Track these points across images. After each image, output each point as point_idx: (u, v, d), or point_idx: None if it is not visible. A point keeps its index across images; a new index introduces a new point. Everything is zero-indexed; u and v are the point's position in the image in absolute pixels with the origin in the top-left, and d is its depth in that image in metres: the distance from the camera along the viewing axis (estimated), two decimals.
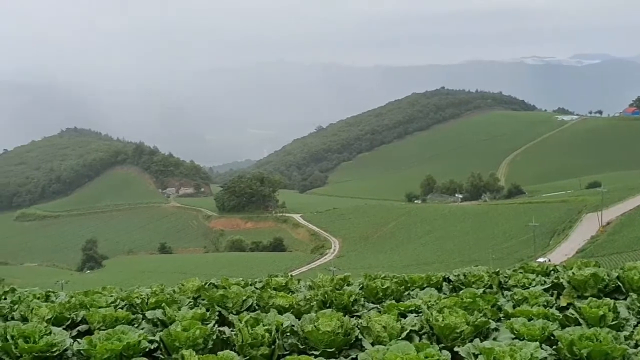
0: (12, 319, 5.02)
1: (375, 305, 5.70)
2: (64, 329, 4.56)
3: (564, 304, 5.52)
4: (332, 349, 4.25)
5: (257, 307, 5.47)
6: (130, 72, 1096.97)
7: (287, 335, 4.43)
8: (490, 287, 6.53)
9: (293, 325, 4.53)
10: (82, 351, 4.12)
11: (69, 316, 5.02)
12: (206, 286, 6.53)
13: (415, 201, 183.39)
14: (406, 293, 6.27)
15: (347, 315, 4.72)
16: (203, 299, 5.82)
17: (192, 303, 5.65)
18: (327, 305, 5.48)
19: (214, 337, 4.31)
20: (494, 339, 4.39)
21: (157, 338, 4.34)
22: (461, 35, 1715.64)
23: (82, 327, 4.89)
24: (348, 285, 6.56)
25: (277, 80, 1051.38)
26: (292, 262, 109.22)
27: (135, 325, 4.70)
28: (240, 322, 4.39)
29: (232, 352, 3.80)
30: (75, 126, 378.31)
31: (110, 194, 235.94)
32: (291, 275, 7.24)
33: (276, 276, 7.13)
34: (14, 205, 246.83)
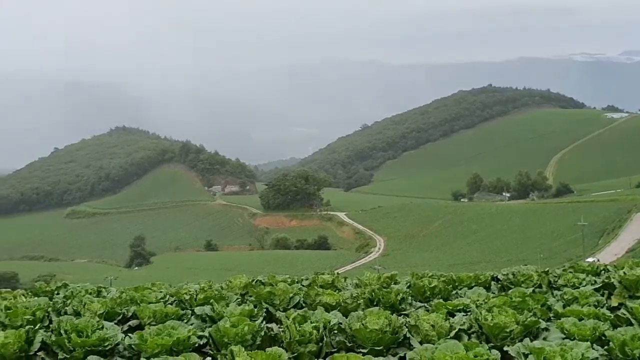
0: (65, 313, 5.12)
1: (422, 304, 5.66)
2: (115, 323, 4.64)
3: (615, 304, 5.40)
4: (380, 347, 4.23)
5: (304, 305, 5.47)
6: (178, 72, 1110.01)
7: (334, 332, 4.43)
8: (540, 286, 6.43)
9: (340, 323, 4.52)
10: (133, 346, 4.18)
11: (120, 311, 5.10)
12: (253, 283, 6.57)
13: (462, 200, 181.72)
14: (454, 292, 6.21)
15: (394, 314, 4.69)
16: (250, 296, 5.85)
17: (239, 300, 5.69)
18: (374, 303, 5.46)
19: (262, 333, 4.33)
20: (544, 338, 4.32)
21: (206, 334, 4.38)
22: (506, 32, 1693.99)
23: (133, 322, 4.97)
24: (395, 283, 6.53)
25: (322, 78, 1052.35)
26: (337, 261, 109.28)
27: (185, 321, 4.75)
28: (288, 319, 4.40)
29: (281, 349, 3.81)
30: (124, 125, 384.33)
31: (158, 191, 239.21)
32: (337, 273, 7.23)
33: (322, 274, 7.13)
34: (65, 203, 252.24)
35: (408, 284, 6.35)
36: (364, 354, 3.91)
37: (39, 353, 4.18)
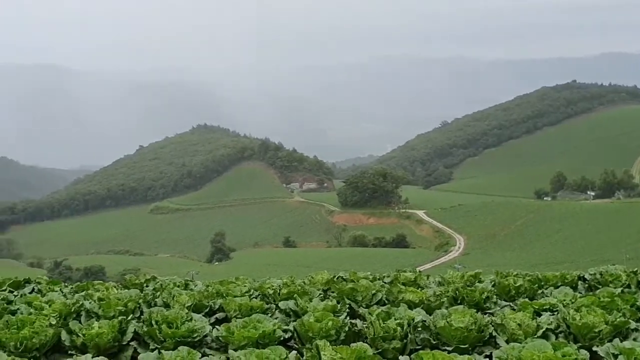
0: (155, 305, 5.29)
1: (507, 303, 5.59)
2: (202, 316, 4.76)
3: None
4: (466, 345, 4.21)
5: (386, 302, 5.48)
6: (257, 70, 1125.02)
7: (418, 330, 4.43)
8: (629, 286, 6.27)
9: (424, 321, 4.52)
10: (220, 338, 4.28)
11: (207, 304, 5.23)
12: (335, 279, 6.61)
13: (545, 198, 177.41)
14: (539, 291, 6.12)
15: (479, 312, 4.66)
16: (333, 292, 5.90)
17: (322, 295, 5.74)
18: (458, 301, 5.43)
19: (346, 329, 4.36)
20: (634, 339, 4.23)
21: (290, 328, 4.45)
22: (588, 27, 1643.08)
23: (220, 315, 5.09)
24: (479, 282, 6.47)
25: (400, 74, 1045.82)
26: (416, 259, 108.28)
27: (269, 315, 4.84)
28: (372, 316, 4.42)
29: (365, 345, 3.83)
30: (205, 123, 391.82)
31: (237, 188, 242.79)
32: (419, 271, 7.21)
33: (404, 271, 7.13)
34: (149, 199, 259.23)
35: (492, 283, 6.28)
36: (449, 352, 3.88)
37: (131, 343, 4.32)
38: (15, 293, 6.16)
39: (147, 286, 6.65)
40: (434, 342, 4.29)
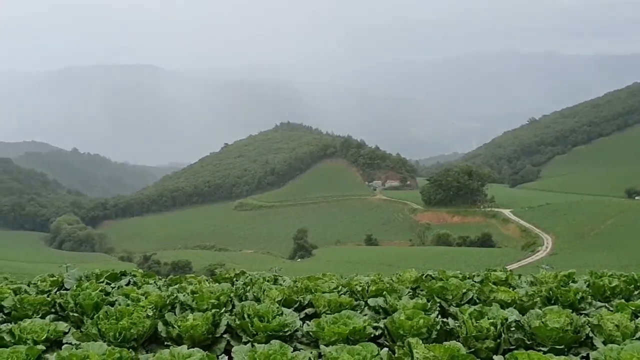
0: (246, 299, 5.38)
1: (603, 304, 5.42)
2: (292, 311, 4.81)
3: None
4: (561, 346, 4.11)
5: (477, 301, 5.41)
6: (340, 68, 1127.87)
7: (512, 330, 4.34)
8: None
9: (518, 320, 4.43)
10: (311, 333, 4.32)
11: (296, 299, 5.28)
12: (423, 277, 6.56)
13: (636, 198, 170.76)
14: (636, 292, 5.90)
15: (573, 313, 4.54)
16: (421, 290, 5.86)
17: (411, 293, 5.71)
18: (552, 301, 5.30)
19: (438, 327, 4.33)
20: None
21: (381, 325, 4.44)
22: None
23: (309, 310, 5.13)
24: (573, 282, 6.29)
25: (486, 70, 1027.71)
26: (502, 258, 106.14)
27: (358, 311, 4.83)
28: (464, 314, 4.37)
29: (458, 343, 3.78)
30: (288, 121, 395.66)
31: (320, 186, 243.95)
32: (510, 271, 7.07)
33: (494, 270, 7.01)
34: (233, 196, 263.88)
35: (587, 283, 6.09)
36: (544, 353, 3.79)
37: (224, 335, 4.41)
38: (112, 285, 6.38)
39: (237, 280, 6.77)
40: (528, 343, 4.21)
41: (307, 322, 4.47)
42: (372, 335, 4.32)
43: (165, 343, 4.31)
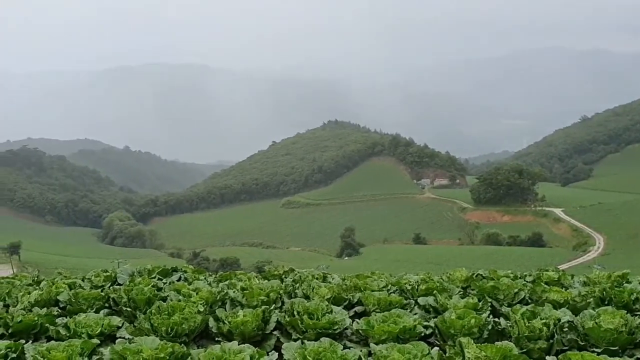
0: (295, 296, 5.40)
1: None
2: (341, 309, 4.80)
3: None
4: (615, 348, 4.02)
5: (529, 301, 5.33)
6: (388, 65, 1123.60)
7: (564, 330, 4.27)
8: None
9: (571, 321, 4.36)
10: (360, 331, 4.31)
11: (346, 297, 5.28)
12: (474, 277, 6.50)
13: None
14: None
15: (628, 314, 4.44)
16: (472, 289, 5.80)
17: (461, 292, 5.66)
18: (605, 302, 5.19)
19: (489, 327, 4.28)
20: None
21: (431, 324, 4.41)
22: None
23: (358, 309, 5.12)
24: (627, 282, 6.15)
25: (536, 68, 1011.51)
26: (552, 259, 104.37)
27: (408, 310, 4.81)
28: (516, 314, 4.31)
29: (511, 343, 3.73)
30: (336, 119, 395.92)
31: (367, 184, 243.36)
32: (563, 271, 6.96)
33: (546, 270, 6.91)
34: (281, 193, 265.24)
35: None
36: (598, 354, 3.72)
37: (274, 332, 4.43)
38: (164, 281, 6.47)
39: (286, 278, 6.80)
40: (582, 344, 4.13)
41: (357, 320, 4.46)
42: (422, 335, 4.30)
43: (216, 339, 4.35)
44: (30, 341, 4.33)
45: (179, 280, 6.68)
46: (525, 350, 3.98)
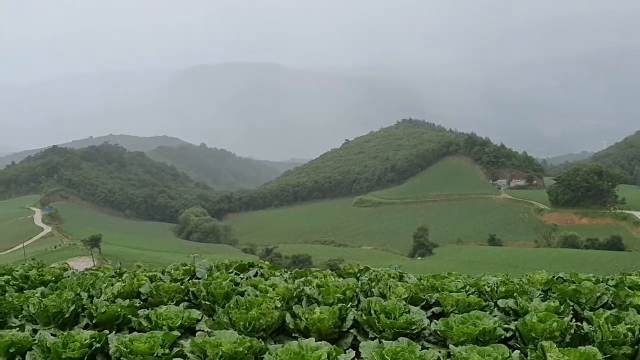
0: (372, 295, 5.39)
1: None
2: (419, 309, 4.76)
3: None
4: None
5: (612, 305, 5.18)
6: (463, 63, 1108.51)
7: None
8: None
9: None
10: (438, 332, 4.27)
11: (423, 297, 5.23)
12: (554, 279, 6.35)
13: None
14: None
15: None
16: (553, 292, 5.67)
17: (542, 295, 5.54)
18: None
19: (571, 331, 4.18)
20: None
21: (512, 326, 4.33)
22: None
23: (436, 309, 5.07)
24: None
25: (620, 67, 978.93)
26: (632, 262, 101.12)
27: (487, 312, 4.74)
28: (599, 319, 4.19)
29: (594, 348, 3.63)
30: (410, 117, 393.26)
31: (441, 183, 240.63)
32: None
33: (629, 274, 6.70)
34: (353, 192, 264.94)
35: None
36: None
37: (351, 330, 4.43)
38: (241, 276, 6.57)
39: (361, 276, 6.80)
40: None
41: (435, 320, 4.42)
42: (502, 337, 4.23)
43: (293, 335, 4.39)
44: (114, 332, 4.47)
45: (255, 275, 6.76)
46: (609, 355, 3.87)
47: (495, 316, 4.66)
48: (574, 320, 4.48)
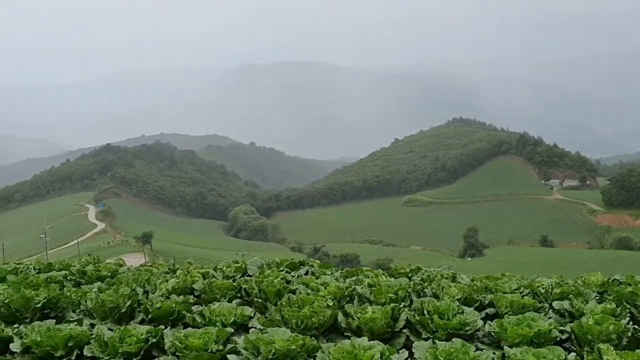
0: (424, 295, 5.36)
1: None
2: (473, 310, 4.72)
3: None
4: None
5: None
6: (515, 62, 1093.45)
7: None
8: None
9: None
10: (493, 333, 4.23)
11: (477, 298, 5.18)
12: (610, 282, 6.23)
13: None
14: None
15: None
16: (609, 295, 5.56)
17: (597, 297, 5.45)
18: None
19: (629, 334, 4.10)
20: None
21: (567, 329, 4.27)
22: None
23: (490, 310, 5.01)
24: None
25: None
26: None
27: (542, 314, 4.67)
28: None
29: None
30: (460, 116, 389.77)
31: (492, 183, 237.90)
32: None
33: None
34: (402, 191, 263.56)
35: None
36: None
37: (404, 330, 4.42)
38: (292, 274, 6.60)
39: (413, 276, 6.77)
40: None
41: (488, 322, 4.38)
42: (558, 339, 4.17)
43: (345, 334, 4.39)
44: (169, 327, 4.54)
45: (306, 274, 6.79)
46: None
47: (550, 318, 4.59)
48: (631, 323, 4.38)
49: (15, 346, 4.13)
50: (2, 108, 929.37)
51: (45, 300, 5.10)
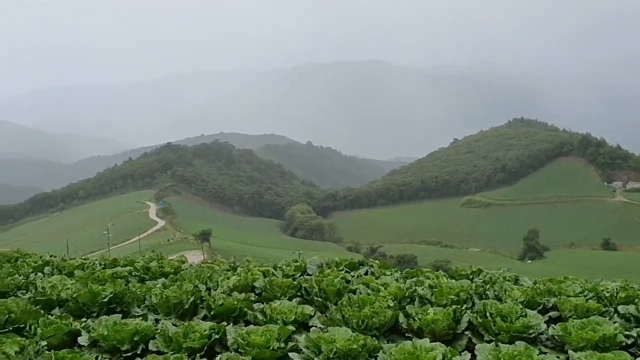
0: (486, 297, 5.32)
1: None
2: (536, 313, 4.66)
3: None
4: None
5: None
6: (565, 59, 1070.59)
7: None
8: None
9: None
10: (556, 337, 4.17)
11: (540, 301, 5.12)
12: None
13: None
14: None
15: None
16: None
17: None
18: None
19: None
20: None
21: (633, 333, 4.19)
22: None
23: (553, 314, 4.95)
24: None
25: None
26: None
27: (607, 318, 4.59)
28: None
29: None
30: (522, 117, 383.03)
31: (553, 185, 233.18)
32: None
33: None
34: (461, 192, 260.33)
35: None
36: None
37: (465, 332, 4.40)
38: (351, 274, 6.62)
39: (474, 278, 6.72)
40: None
41: (552, 325, 4.32)
42: (623, 344, 4.09)
43: (406, 335, 4.39)
44: (231, 323, 4.62)
45: (365, 274, 6.80)
46: None
47: (615, 322, 4.51)
48: None
49: (82, 340, 4.27)
50: (68, 108, 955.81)
51: (111, 295, 5.25)
